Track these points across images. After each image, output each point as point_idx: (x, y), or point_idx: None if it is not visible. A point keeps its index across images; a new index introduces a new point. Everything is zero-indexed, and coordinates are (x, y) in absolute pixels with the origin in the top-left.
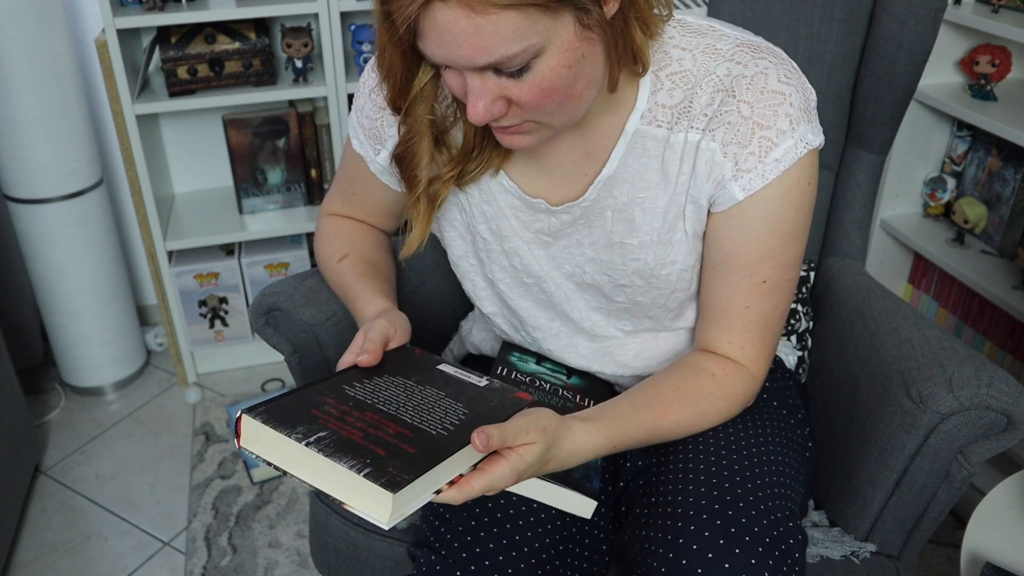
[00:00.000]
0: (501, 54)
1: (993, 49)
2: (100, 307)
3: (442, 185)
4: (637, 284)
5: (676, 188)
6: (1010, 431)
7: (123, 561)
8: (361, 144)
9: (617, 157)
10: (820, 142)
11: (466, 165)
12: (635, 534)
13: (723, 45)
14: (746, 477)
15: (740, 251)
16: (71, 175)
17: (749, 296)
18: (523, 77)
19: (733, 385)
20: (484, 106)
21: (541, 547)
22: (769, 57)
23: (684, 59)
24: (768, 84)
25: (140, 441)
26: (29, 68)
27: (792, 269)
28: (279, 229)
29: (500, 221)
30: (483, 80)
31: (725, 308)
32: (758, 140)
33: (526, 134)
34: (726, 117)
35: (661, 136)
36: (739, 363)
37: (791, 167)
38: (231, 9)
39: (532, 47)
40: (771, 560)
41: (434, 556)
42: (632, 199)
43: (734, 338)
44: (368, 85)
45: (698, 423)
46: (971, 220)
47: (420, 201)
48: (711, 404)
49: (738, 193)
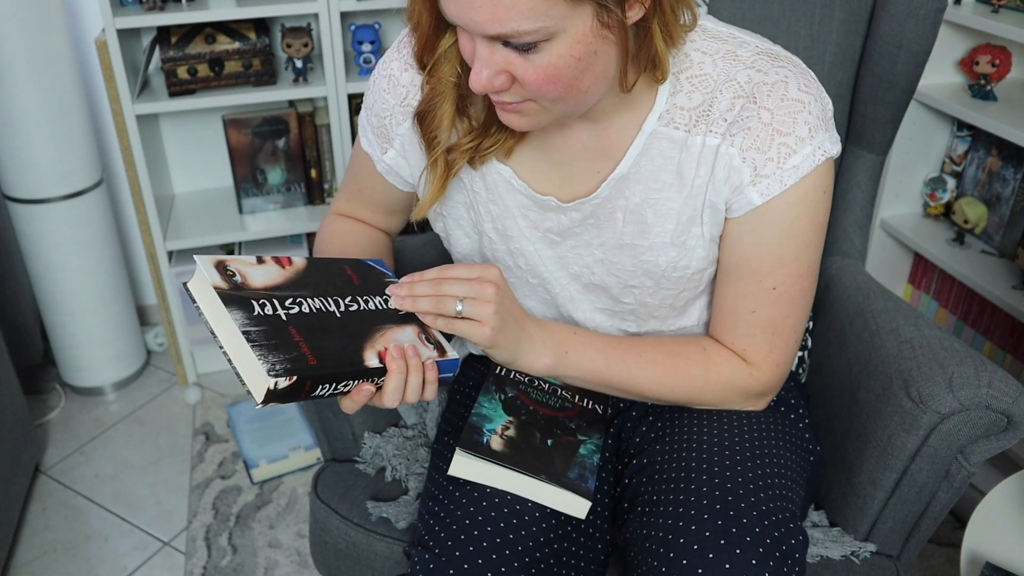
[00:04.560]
0: (513, 28)
1: (993, 49)
2: (100, 307)
3: (459, 155)
4: (647, 285)
5: (692, 191)
6: (1010, 431)
7: (123, 561)
8: (369, 142)
9: (632, 157)
10: (837, 151)
11: (484, 139)
12: (636, 533)
13: (744, 52)
14: (748, 478)
15: (751, 256)
16: (71, 175)
17: (756, 301)
18: (531, 57)
19: (720, 365)
20: (487, 76)
21: (535, 545)
22: (788, 66)
23: (705, 63)
24: (788, 92)
25: (140, 441)
26: (29, 68)
27: (805, 279)
28: (279, 229)
29: (506, 221)
30: (492, 50)
31: (731, 311)
32: (777, 146)
33: (524, 115)
34: (746, 123)
35: (678, 138)
36: (742, 356)
37: (808, 174)
38: (231, 9)
39: (545, 29)
40: (772, 561)
41: (428, 555)
42: (645, 200)
43: (738, 339)
44: (379, 84)
45: (671, 375)
46: (971, 220)
47: (437, 163)
48: (686, 365)
49: (756, 198)
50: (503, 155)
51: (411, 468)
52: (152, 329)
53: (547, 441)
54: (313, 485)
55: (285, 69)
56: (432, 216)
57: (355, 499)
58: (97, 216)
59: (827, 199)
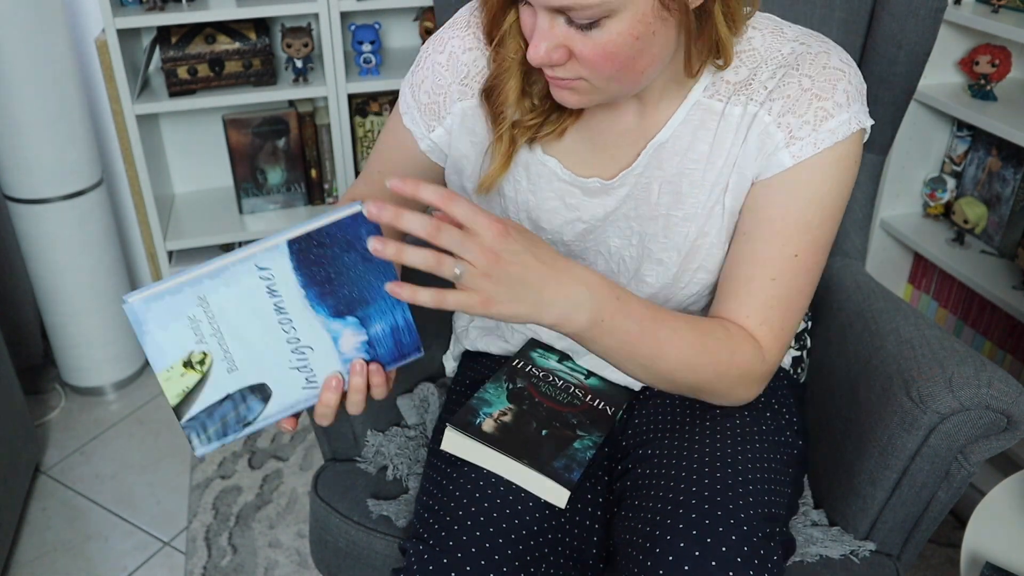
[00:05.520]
0: (576, 1)
1: (993, 49)
2: (100, 307)
3: (522, 131)
4: (672, 260)
5: (726, 160)
6: (1010, 431)
7: (123, 561)
8: (413, 120)
9: (672, 126)
10: (870, 126)
11: (547, 118)
12: (620, 537)
13: (788, 30)
14: (727, 484)
15: (777, 218)
16: (71, 175)
17: (777, 268)
18: (590, 33)
19: (742, 346)
20: (546, 49)
21: (528, 534)
22: (831, 44)
23: (755, 38)
24: (830, 61)
25: (140, 441)
26: (29, 68)
27: (821, 252)
28: (279, 229)
29: (540, 212)
30: (552, 24)
31: (749, 278)
32: (814, 110)
33: (576, 92)
34: (786, 89)
35: (717, 109)
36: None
37: (843, 140)
38: (231, 9)
39: (607, 5)
40: (751, 570)
41: (422, 546)
42: (681, 171)
43: (754, 312)
44: (434, 60)
45: (700, 355)
46: (971, 220)
47: (503, 139)
48: (716, 346)
49: (787, 160)
50: (555, 136)
51: (412, 468)
52: None
53: (542, 431)
54: (313, 484)
55: (285, 69)
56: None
57: (355, 498)
58: (97, 216)
59: (854, 172)
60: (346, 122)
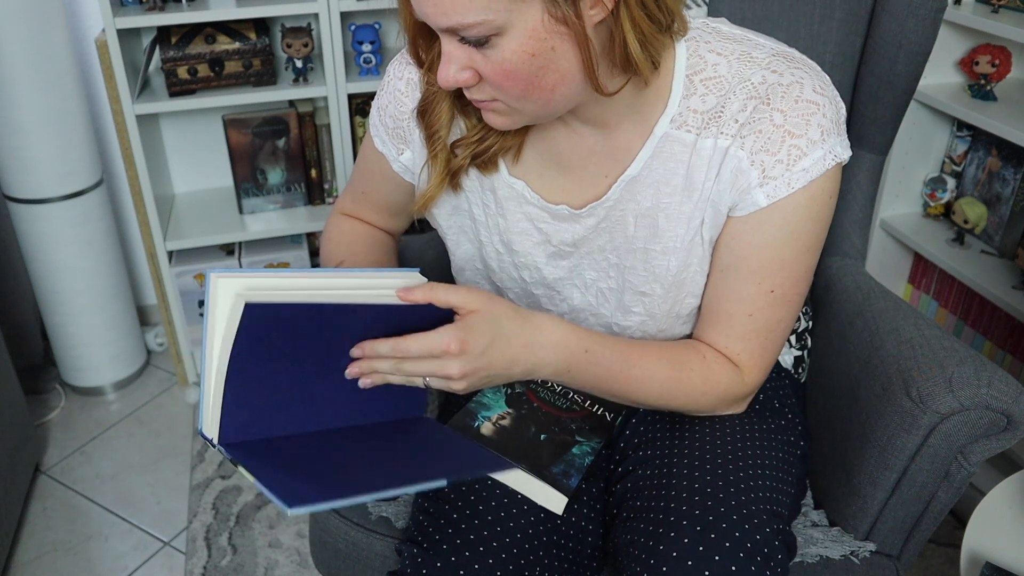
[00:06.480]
0: (457, 21)
1: (993, 49)
2: (100, 307)
3: (464, 149)
4: (657, 293)
5: (701, 195)
6: (1010, 431)
7: (123, 561)
8: (383, 143)
9: (643, 160)
10: (848, 156)
11: (487, 136)
12: (621, 539)
13: (758, 53)
14: (729, 482)
15: (752, 257)
16: (71, 175)
17: (755, 304)
18: (487, 52)
19: (718, 374)
20: (451, 71)
21: (524, 539)
22: (804, 68)
23: (720, 65)
24: (803, 94)
25: (140, 441)
26: (29, 68)
27: (802, 283)
28: (279, 229)
29: (512, 236)
30: (453, 45)
31: (728, 313)
32: (788, 148)
33: (498, 113)
34: (758, 125)
35: (689, 141)
36: (734, 362)
37: (817, 178)
38: (231, 9)
39: (491, 23)
40: (753, 566)
41: (417, 549)
42: (656, 204)
43: (732, 344)
44: (395, 87)
45: (673, 389)
46: (971, 220)
47: (438, 158)
48: (690, 377)
49: (762, 200)
50: (511, 159)
51: None
52: (152, 329)
53: (540, 436)
54: None
55: (285, 69)
56: (436, 218)
57: None
58: (97, 216)
59: (832, 204)
60: (346, 122)
